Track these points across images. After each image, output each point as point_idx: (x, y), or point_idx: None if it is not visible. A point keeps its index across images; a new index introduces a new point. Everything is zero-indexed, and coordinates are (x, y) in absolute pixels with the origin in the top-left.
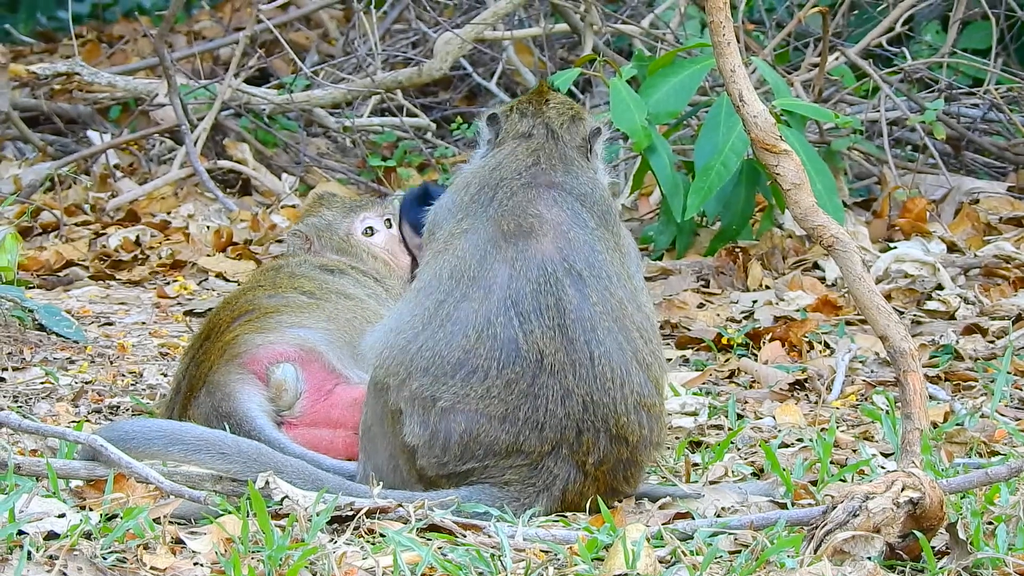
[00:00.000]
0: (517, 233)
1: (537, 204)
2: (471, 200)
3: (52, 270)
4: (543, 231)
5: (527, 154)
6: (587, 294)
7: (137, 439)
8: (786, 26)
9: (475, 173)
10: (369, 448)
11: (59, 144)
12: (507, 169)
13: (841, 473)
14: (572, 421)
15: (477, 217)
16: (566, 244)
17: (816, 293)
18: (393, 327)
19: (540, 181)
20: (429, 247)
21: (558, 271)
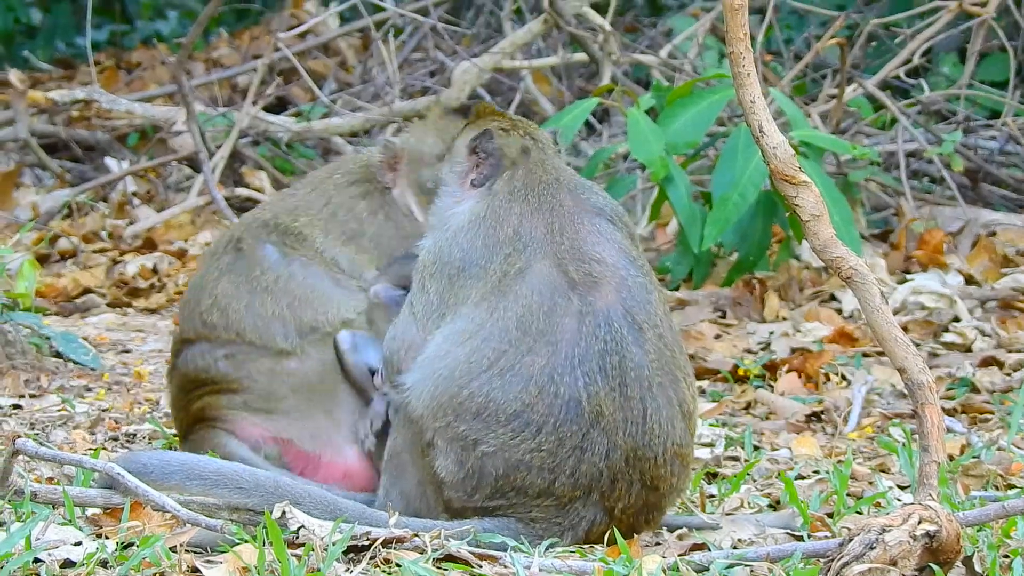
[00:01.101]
0: (584, 283)
1: (595, 244)
2: (515, 234)
3: (69, 297)
4: (606, 278)
5: (543, 171)
6: (646, 349)
7: (156, 472)
8: (804, 57)
9: (499, 201)
10: (396, 473)
11: (77, 171)
12: (541, 194)
13: (858, 505)
14: (611, 472)
15: (533, 254)
16: (627, 293)
17: (833, 325)
18: (444, 370)
19: (582, 206)
20: (464, 282)
21: (623, 327)
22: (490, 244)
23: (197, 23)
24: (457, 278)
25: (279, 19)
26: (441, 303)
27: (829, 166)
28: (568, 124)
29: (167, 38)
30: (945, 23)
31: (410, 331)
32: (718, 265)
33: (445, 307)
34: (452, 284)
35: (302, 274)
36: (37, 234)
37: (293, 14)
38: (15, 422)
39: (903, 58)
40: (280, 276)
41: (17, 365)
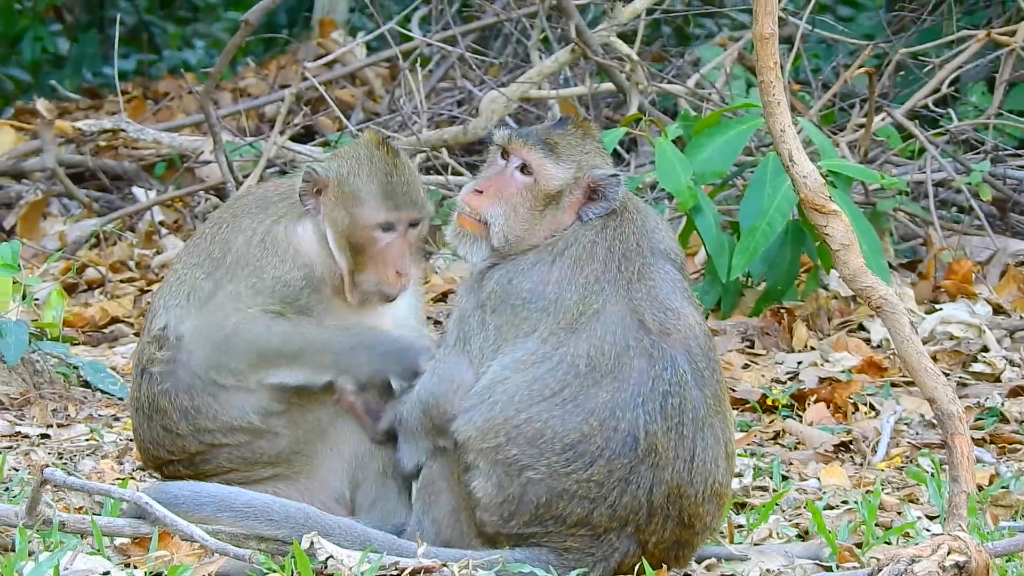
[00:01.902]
0: (658, 331)
1: (668, 293)
2: (595, 280)
3: (97, 327)
4: (679, 328)
5: (633, 224)
6: (705, 394)
7: (186, 503)
8: (832, 87)
9: (584, 242)
10: (429, 501)
11: (104, 200)
12: (623, 239)
13: (886, 536)
14: (650, 507)
15: (610, 298)
16: (694, 342)
17: (861, 354)
18: (502, 394)
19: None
20: (528, 315)
21: (687, 372)
22: (564, 281)
23: (224, 53)
24: (522, 309)
25: (306, 48)
26: (499, 337)
27: (857, 196)
28: None
29: (194, 68)
30: (973, 52)
31: (460, 370)
32: (746, 295)
33: (502, 340)
34: (515, 315)
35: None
36: (65, 264)
37: (320, 43)
38: (43, 451)
39: (931, 87)
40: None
41: (45, 394)
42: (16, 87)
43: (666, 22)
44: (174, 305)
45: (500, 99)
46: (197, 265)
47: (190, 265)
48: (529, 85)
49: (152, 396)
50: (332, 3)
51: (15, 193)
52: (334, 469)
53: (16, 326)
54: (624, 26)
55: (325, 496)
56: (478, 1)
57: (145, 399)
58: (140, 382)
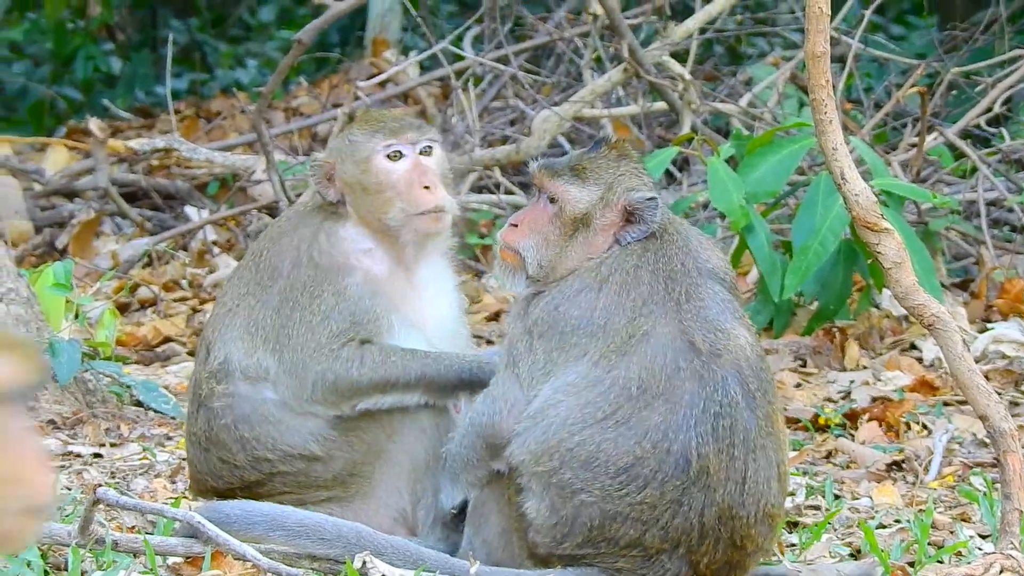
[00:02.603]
0: (709, 352)
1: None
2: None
3: (150, 346)
4: (729, 349)
5: (676, 247)
6: (757, 415)
7: (239, 523)
8: (884, 106)
9: (628, 265)
10: (480, 522)
11: (157, 220)
12: (669, 261)
13: (939, 555)
14: (702, 529)
15: (658, 320)
16: (746, 363)
17: (913, 373)
18: (555, 417)
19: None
20: (578, 340)
21: (739, 394)
22: (611, 307)
23: (277, 72)
24: (571, 335)
25: (358, 68)
26: (548, 362)
27: (910, 215)
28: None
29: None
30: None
31: (513, 392)
32: (798, 314)
33: (552, 365)
34: (563, 341)
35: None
36: (117, 283)
37: (372, 63)
38: (96, 471)
39: (984, 106)
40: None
41: (98, 414)
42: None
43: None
44: (234, 338)
45: (553, 118)
46: (249, 294)
47: (240, 295)
48: (582, 104)
49: (211, 430)
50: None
51: (68, 212)
52: (392, 488)
53: (69, 345)
54: (676, 45)
55: (383, 515)
56: (531, 20)
57: (202, 433)
58: (197, 416)
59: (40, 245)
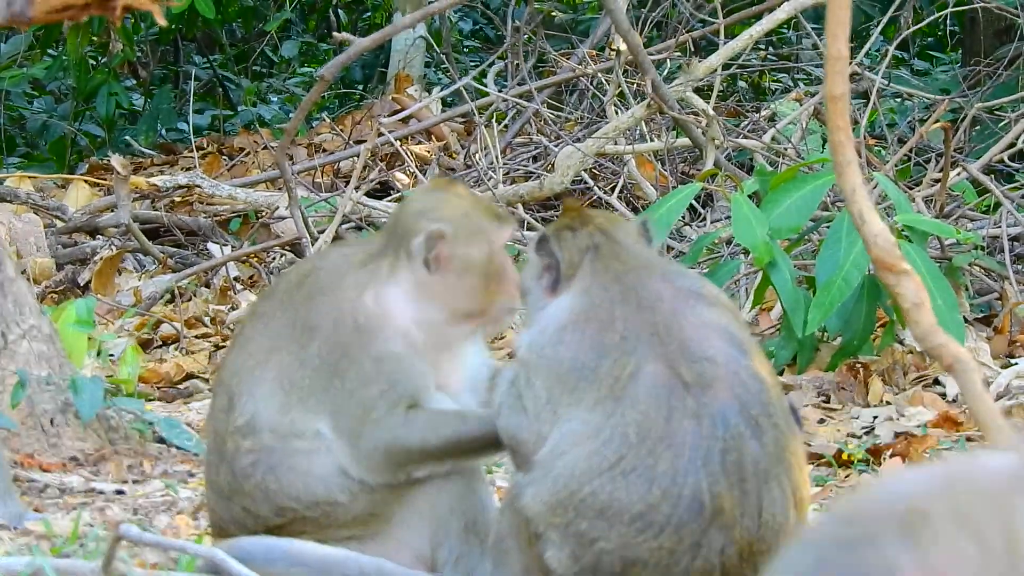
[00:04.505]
0: (698, 383)
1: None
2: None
3: (172, 382)
4: (719, 377)
5: (620, 263)
6: (763, 442)
7: (260, 559)
8: (908, 142)
9: (596, 301)
10: (500, 559)
11: (179, 256)
12: (637, 288)
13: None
14: (724, 568)
15: (643, 357)
16: (741, 388)
17: (937, 409)
18: (563, 468)
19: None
20: (574, 384)
21: (740, 424)
22: (597, 348)
23: (300, 108)
24: (566, 377)
25: (381, 104)
26: (551, 397)
27: (933, 250)
28: (672, 208)
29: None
30: None
31: (523, 422)
32: (822, 350)
33: (556, 403)
34: (560, 381)
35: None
36: (140, 319)
37: (395, 99)
38: (119, 507)
39: (1007, 142)
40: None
41: (120, 450)
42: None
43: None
44: (264, 395)
45: (576, 154)
46: (281, 349)
47: (270, 348)
48: (605, 140)
49: (235, 482)
50: (408, 59)
51: (90, 249)
52: (412, 529)
53: (91, 382)
54: (700, 81)
55: (404, 554)
56: (554, 57)
57: (226, 484)
58: (219, 468)
59: (62, 282)
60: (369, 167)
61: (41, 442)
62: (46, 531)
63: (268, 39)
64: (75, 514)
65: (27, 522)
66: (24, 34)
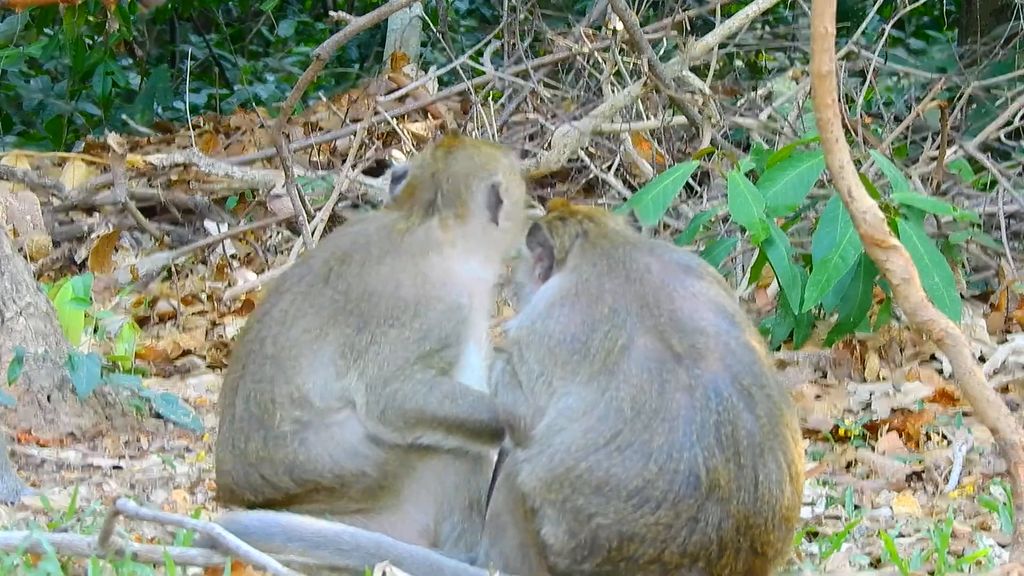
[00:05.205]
0: (690, 355)
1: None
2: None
3: (169, 359)
4: (710, 349)
5: (609, 241)
6: (757, 414)
7: (257, 533)
8: (904, 120)
9: (585, 277)
10: (496, 534)
11: (176, 234)
12: (625, 263)
13: (959, 564)
14: (721, 542)
15: (634, 330)
16: (732, 359)
17: (933, 385)
18: (560, 444)
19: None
20: (567, 358)
21: (732, 395)
22: (588, 322)
23: (296, 87)
24: (557, 351)
25: (378, 83)
26: (543, 371)
27: (930, 228)
28: (668, 187)
29: (266, 102)
30: None
31: (519, 397)
32: (818, 326)
33: (550, 376)
34: (552, 355)
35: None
36: (136, 297)
37: (392, 78)
38: (116, 483)
39: (1003, 120)
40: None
41: (117, 427)
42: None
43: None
44: (324, 364)
45: (572, 133)
46: (339, 321)
47: (326, 322)
48: (601, 119)
49: (266, 449)
50: (404, 37)
51: (87, 227)
52: (418, 504)
53: (88, 359)
54: (696, 60)
55: (408, 529)
56: (550, 35)
57: (254, 451)
58: (253, 435)
59: (59, 259)
60: (365, 145)
61: (38, 418)
62: (43, 506)
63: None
64: (72, 489)
65: (24, 497)
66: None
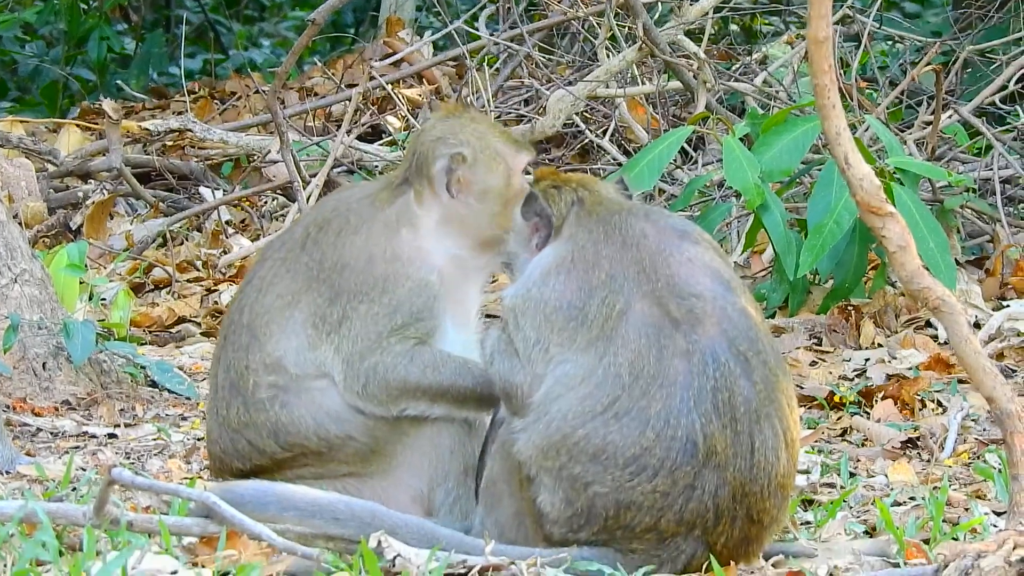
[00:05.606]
0: (687, 320)
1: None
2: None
3: (164, 326)
4: (707, 313)
5: (605, 208)
6: (753, 380)
7: (252, 503)
8: (899, 84)
9: (581, 243)
10: (491, 503)
11: (171, 200)
12: (622, 228)
13: (954, 532)
14: (717, 509)
15: (631, 295)
16: (729, 324)
17: (929, 351)
18: (556, 412)
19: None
20: (563, 324)
21: (730, 360)
22: (585, 287)
23: (291, 52)
24: (553, 317)
25: (373, 48)
26: (540, 338)
27: (924, 193)
28: (663, 152)
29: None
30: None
31: (515, 365)
32: (813, 292)
33: (547, 342)
34: (548, 321)
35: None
36: (131, 264)
37: (387, 43)
38: (111, 451)
39: (998, 84)
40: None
41: (112, 394)
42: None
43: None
44: (295, 331)
45: (567, 98)
46: (311, 290)
47: (299, 289)
48: (596, 83)
49: (247, 415)
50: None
51: (82, 193)
52: (412, 469)
53: (83, 326)
54: (691, 24)
55: (401, 495)
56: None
57: (236, 418)
58: (231, 402)
59: (54, 226)
60: (360, 111)
61: (33, 386)
62: (38, 475)
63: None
64: (67, 458)
65: (19, 466)
66: None
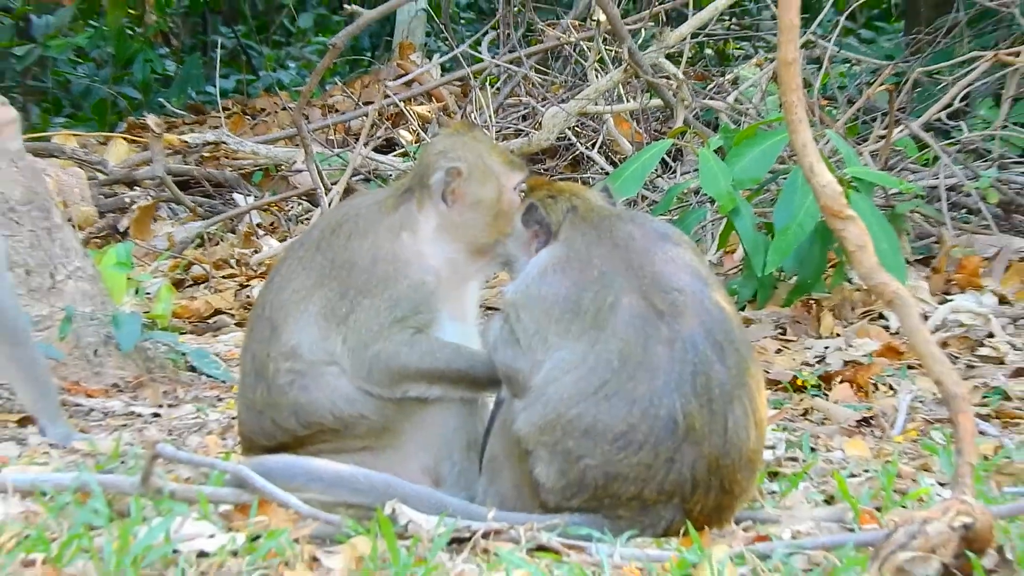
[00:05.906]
0: (670, 312)
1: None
2: (600, 275)
3: (202, 318)
4: (688, 306)
5: (597, 214)
6: (727, 365)
7: (281, 475)
8: (856, 102)
9: (576, 246)
10: (493, 475)
11: (208, 205)
12: (611, 231)
13: (903, 500)
14: (694, 480)
15: (620, 290)
16: (707, 316)
17: (881, 340)
18: (553, 394)
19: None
20: (559, 316)
21: (707, 348)
22: (579, 284)
23: (314, 73)
24: (551, 310)
25: (387, 69)
26: (539, 328)
27: (878, 199)
28: (646, 162)
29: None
30: (982, 71)
31: (517, 353)
32: (779, 288)
33: (546, 332)
34: (546, 314)
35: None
36: (173, 262)
37: (400, 64)
38: (155, 429)
39: (945, 102)
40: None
41: (156, 378)
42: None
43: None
44: (308, 324)
45: (560, 114)
46: (323, 286)
47: (312, 285)
48: (586, 101)
49: (270, 398)
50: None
51: (128, 199)
52: (421, 444)
53: (130, 317)
54: (671, 48)
55: (411, 468)
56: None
57: (261, 400)
58: (256, 387)
59: (104, 228)
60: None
61: (86, 371)
62: (91, 450)
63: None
64: (116, 435)
65: (74, 442)
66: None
